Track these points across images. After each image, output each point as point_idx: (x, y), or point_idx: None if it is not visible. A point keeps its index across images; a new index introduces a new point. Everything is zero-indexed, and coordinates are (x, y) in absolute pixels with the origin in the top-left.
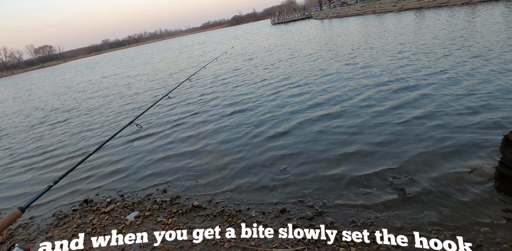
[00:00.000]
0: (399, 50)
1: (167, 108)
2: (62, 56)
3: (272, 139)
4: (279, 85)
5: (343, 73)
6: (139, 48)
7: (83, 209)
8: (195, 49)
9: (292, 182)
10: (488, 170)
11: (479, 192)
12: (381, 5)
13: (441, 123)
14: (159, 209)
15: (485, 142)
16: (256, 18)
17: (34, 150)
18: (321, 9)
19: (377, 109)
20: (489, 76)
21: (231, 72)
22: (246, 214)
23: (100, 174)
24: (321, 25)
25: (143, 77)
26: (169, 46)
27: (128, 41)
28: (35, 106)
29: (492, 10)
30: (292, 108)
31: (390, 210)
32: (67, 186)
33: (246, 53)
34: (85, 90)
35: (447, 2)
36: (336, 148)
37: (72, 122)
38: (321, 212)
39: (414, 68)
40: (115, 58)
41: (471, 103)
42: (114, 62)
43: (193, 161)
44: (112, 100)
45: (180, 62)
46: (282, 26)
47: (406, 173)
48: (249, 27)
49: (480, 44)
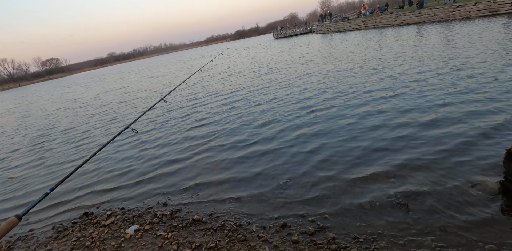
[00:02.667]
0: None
1: (163, 114)
2: (68, 68)
3: (273, 153)
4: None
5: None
6: (144, 61)
7: (83, 222)
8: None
9: (293, 196)
10: (492, 185)
11: (483, 208)
12: (382, 20)
13: (443, 138)
14: (159, 222)
15: (488, 156)
16: (259, 32)
17: (33, 160)
18: (323, 23)
19: (377, 122)
20: (493, 90)
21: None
22: (246, 229)
23: (101, 186)
24: (323, 39)
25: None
26: (176, 59)
27: (133, 55)
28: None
29: (491, 24)
30: (297, 121)
31: (393, 226)
32: (68, 199)
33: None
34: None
35: (447, 17)
36: (337, 162)
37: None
38: (322, 227)
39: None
40: (121, 70)
41: (475, 119)
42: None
43: (194, 174)
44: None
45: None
46: (284, 40)
47: (409, 188)
48: (255, 41)
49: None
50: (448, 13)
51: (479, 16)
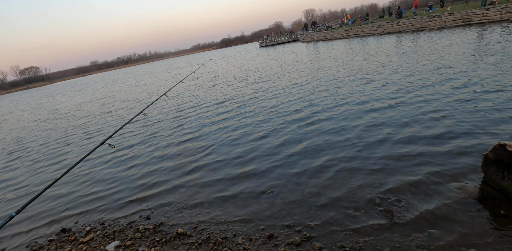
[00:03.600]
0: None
1: (143, 127)
2: (49, 77)
3: (257, 162)
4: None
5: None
6: (128, 69)
7: (60, 239)
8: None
9: (279, 205)
10: (472, 190)
11: (464, 212)
12: (364, 29)
13: (423, 144)
14: (142, 237)
15: (467, 161)
16: (245, 40)
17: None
18: (307, 32)
19: (365, 132)
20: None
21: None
22: (232, 241)
23: (79, 200)
24: (306, 47)
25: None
26: (163, 67)
27: (117, 63)
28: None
29: (465, 33)
30: (286, 130)
31: (378, 233)
32: (43, 215)
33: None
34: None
35: (424, 27)
36: (322, 170)
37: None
38: (309, 237)
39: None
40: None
41: (452, 124)
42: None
43: (178, 186)
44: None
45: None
46: (270, 48)
47: (393, 195)
48: (241, 49)
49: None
50: (426, 23)
51: (454, 26)
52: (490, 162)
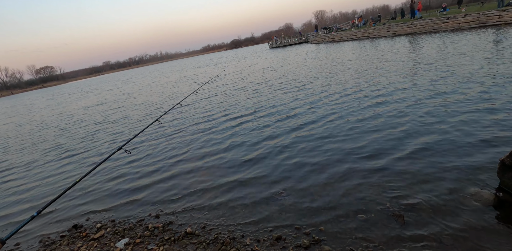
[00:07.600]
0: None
1: (159, 132)
2: (63, 76)
3: (268, 163)
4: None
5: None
6: (140, 70)
7: (71, 235)
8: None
9: (288, 207)
10: (487, 196)
11: (478, 219)
12: (375, 30)
13: (438, 149)
14: (151, 235)
15: (482, 167)
16: (255, 42)
17: (25, 177)
18: (318, 33)
19: (375, 127)
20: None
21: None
22: (240, 242)
23: (92, 198)
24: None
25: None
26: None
27: (129, 63)
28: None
29: (480, 35)
30: (295, 134)
31: (388, 237)
32: (57, 211)
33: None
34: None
35: (438, 28)
36: (332, 173)
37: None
38: (318, 240)
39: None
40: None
41: (472, 129)
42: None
43: (187, 185)
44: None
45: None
46: (279, 49)
47: (404, 199)
48: (251, 50)
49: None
50: (439, 24)
51: (469, 27)
52: (507, 168)
